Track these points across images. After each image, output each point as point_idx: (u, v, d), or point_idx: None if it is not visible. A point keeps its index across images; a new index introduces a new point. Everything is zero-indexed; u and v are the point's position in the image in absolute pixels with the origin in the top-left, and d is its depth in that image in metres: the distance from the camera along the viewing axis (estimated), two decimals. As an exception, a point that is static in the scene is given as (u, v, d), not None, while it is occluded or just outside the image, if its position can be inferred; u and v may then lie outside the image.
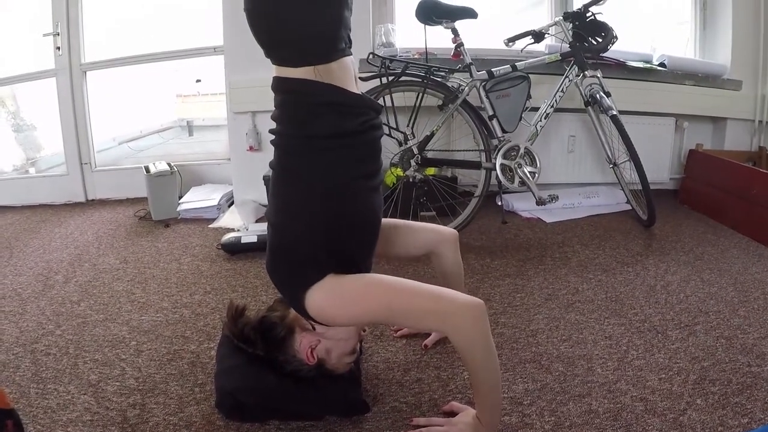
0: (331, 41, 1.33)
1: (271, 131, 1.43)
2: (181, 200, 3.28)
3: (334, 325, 1.41)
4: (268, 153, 3.13)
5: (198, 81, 3.91)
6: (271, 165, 1.44)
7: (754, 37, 3.58)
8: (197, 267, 2.54)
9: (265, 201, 3.14)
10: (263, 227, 2.80)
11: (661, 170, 3.55)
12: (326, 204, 1.34)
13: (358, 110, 1.39)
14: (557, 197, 2.80)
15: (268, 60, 1.40)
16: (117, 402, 1.57)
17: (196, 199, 3.28)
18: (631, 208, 3.26)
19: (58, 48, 3.39)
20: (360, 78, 1.53)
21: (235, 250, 2.63)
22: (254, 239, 2.62)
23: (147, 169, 3.24)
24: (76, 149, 3.54)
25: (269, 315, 1.51)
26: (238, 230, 2.81)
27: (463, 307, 1.27)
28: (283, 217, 1.39)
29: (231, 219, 3.10)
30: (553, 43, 3.09)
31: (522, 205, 3.31)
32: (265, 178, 2.95)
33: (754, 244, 2.83)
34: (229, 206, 3.32)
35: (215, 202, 3.21)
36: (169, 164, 3.30)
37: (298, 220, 1.35)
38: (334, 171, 1.36)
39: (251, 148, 3.28)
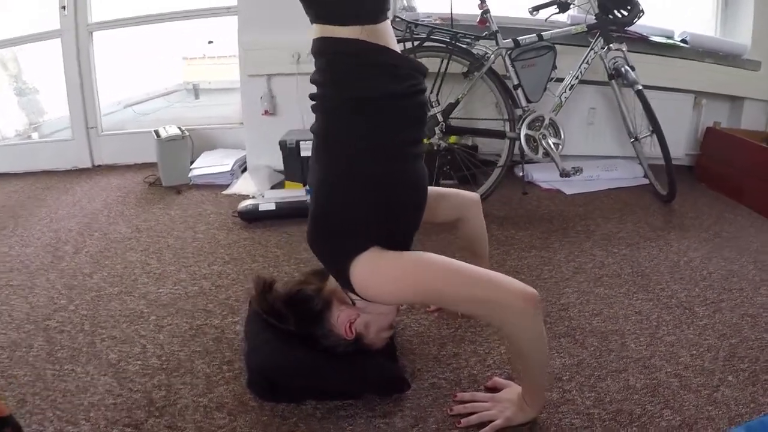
0: (379, 1, 1.31)
1: (312, 96, 1.40)
2: (193, 165, 3.27)
3: (379, 302, 1.39)
4: (284, 117, 3.23)
5: (210, 42, 3.87)
6: (312, 130, 1.42)
7: None
8: (213, 236, 2.53)
9: (280, 166, 3.14)
10: (281, 194, 2.81)
11: (678, 146, 3.56)
12: (375, 170, 1.32)
13: (406, 72, 1.35)
14: (581, 169, 2.84)
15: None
16: (140, 383, 1.52)
17: (208, 165, 3.27)
18: (648, 182, 3.31)
19: (64, 7, 3.32)
20: None
21: (253, 217, 2.64)
22: (272, 206, 2.62)
23: (157, 134, 3.22)
24: (82, 113, 3.50)
25: (303, 288, 1.48)
26: (254, 197, 2.81)
27: (518, 299, 1.19)
28: (328, 184, 1.35)
29: (245, 185, 3.09)
30: (575, 14, 3.10)
31: (541, 175, 3.35)
32: (282, 143, 2.94)
33: (770, 224, 2.90)
34: (242, 172, 3.32)
35: (228, 168, 3.20)
36: (180, 128, 3.29)
37: (344, 187, 1.33)
38: (384, 135, 1.33)
39: (266, 113, 3.27)
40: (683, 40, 3.43)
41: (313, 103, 1.41)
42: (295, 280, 1.62)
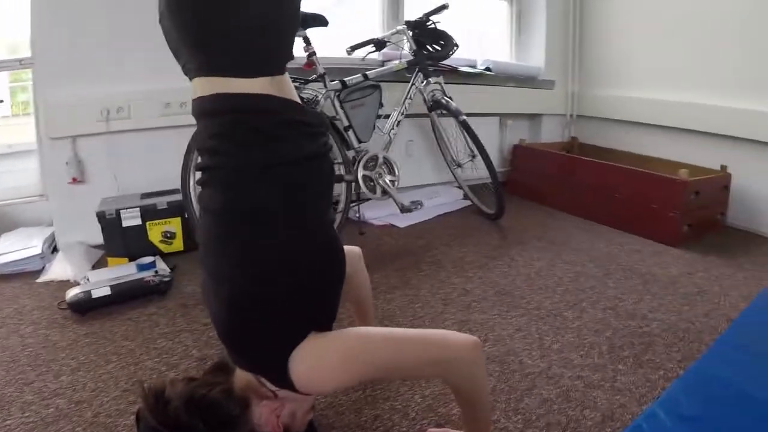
0: (290, 44, 1.20)
1: (205, 167, 1.20)
2: (-5, 253, 2.78)
3: (323, 392, 1.29)
4: (95, 184, 3.00)
5: (1, 101, 3.33)
6: (207, 208, 1.20)
7: (563, 42, 4.29)
8: (46, 338, 2.11)
9: (96, 241, 2.83)
10: (110, 275, 2.49)
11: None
12: (303, 242, 1.17)
13: (318, 129, 1.24)
14: (421, 203, 2.97)
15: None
16: None
17: (12, 249, 2.78)
18: (470, 203, 3.63)
19: None
20: None
21: (86, 307, 2.28)
22: (107, 291, 2.32)
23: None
24: None
25: (208, 394, 1.23)
26: (79, 282, 2.47)
27: (466, 350, 1.18)
28: (246, 271, 1.15)
29: (61, 269, 2.68)
30: (388, 51, 3.26)
31: (372, 213, 3.45)
32: (100, 215, 2.66)
33: (587, 223, 3.34)
34: (53, 252, 2.92)
35: (38, 250, 2.76)
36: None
37: (270, 269, 1.15)
38: (307, 202, 1.19)
39: (74, 180, 2.91)
40: (487, 68, 3.83)
41: (205, 175, 1.20)
42: (185, 380, 1.31)
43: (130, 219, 2.72)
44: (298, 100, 1.22)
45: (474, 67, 3.83)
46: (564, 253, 2.84)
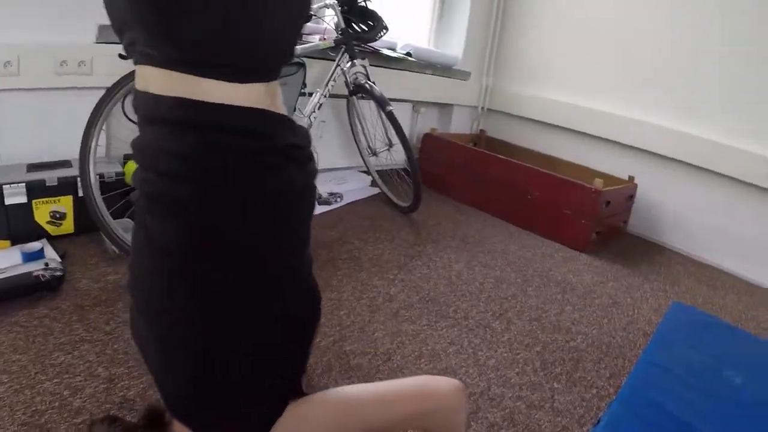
0: (298, 36, 1.02)
1: (154, 193, 0.90)
2: None
3: None
4: None
5: None
6: (162, 247, 0.92)
7: (484, 33, 4.34)
8: None
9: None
10: None
11: (399, 153, 3.92)
12: (291, 296, 1.00)
13: (306, 152, 0.98)
14: (341, 195, 2.90)
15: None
16: None
17: None
18: (378, 191, 3.60)
19: None
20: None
21: None
22: None
23: None
24: None
25: None
26: None
27: (451, 399, 1.16)
28: (223, 328, 0.94)
29: None
30: (311, 25, 3.12)
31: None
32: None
33: (496, 221, 3.45)
34: None
35: None
36: None
37: (250, 332, 0.96)
38: (292, 244, 1.00)
39: None
40: (408, 53, 3.79)
41: (155, 203, 0.91)
42: (105, 421, 1.10)
43: (14, 196, 2.41)
44: (286, 111, 0.96)
45: (394, 50, 3.77)
46: (480, 255, 2.90)
